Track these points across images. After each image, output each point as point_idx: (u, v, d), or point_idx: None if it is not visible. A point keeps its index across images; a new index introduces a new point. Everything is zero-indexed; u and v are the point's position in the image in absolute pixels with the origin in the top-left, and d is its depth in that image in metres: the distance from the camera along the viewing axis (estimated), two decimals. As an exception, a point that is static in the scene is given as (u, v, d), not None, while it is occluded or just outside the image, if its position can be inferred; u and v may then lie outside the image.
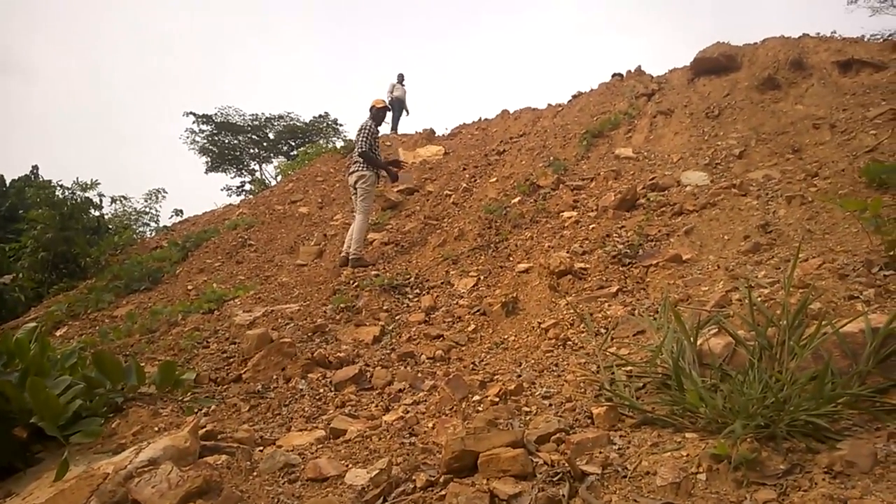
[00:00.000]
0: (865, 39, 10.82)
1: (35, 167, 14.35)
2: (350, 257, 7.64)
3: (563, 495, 2.18)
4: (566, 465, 2.33)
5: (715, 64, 10.80)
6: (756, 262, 4.61)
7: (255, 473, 2.76)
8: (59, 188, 12.60)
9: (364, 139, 7.94)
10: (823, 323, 2.73)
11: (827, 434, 2.28)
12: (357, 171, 7.91)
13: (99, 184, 12.60)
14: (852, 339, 2.66)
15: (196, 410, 3.75)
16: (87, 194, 12.34)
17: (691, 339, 3.06)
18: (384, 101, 8.64)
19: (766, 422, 2.35)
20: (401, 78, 17.84)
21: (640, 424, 2.77)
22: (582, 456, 2.47)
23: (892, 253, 3.67)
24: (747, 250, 4.92)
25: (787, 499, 1.98)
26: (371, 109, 8.32)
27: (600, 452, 2.49)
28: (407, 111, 17.66)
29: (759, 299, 3.46)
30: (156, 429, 3.00)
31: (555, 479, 2.29)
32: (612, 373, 3.31)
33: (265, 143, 28.55)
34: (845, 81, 8.91)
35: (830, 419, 2.35)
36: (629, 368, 3.37)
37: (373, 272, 7.19)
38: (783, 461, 2.19)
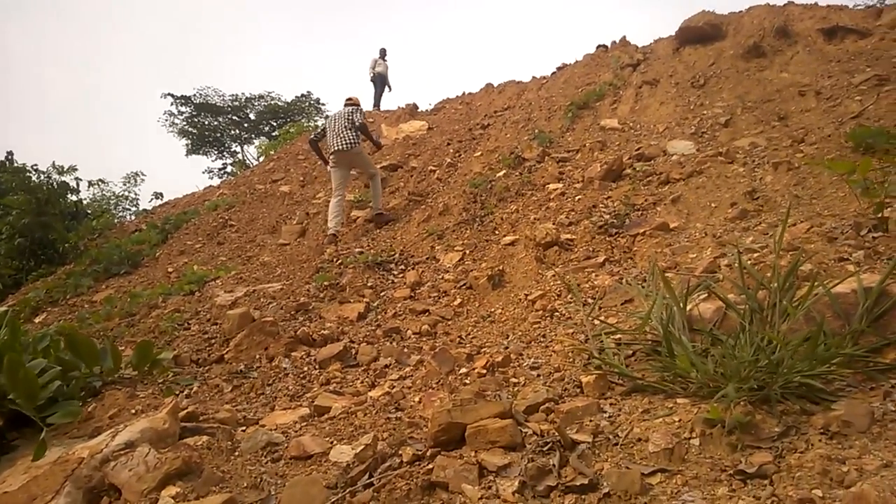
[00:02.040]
0: (850, 7, 10.76)
1: (10, 153, 14.07)
2: (375, 213, 8.34)
3: (554, 465, 2.11)
4: (556, 434, 2.27)
5: (700, 33, 10.72)
6: (744, 229, 4.56)
7: (236, 453, 2.68)
8: (34, 173, 12.38)
9: (361, 115, 8.34)
10: (815, 284, 2.68)
11: (821, 395, 2.23)
12: (353, 148, 8.13)
13: (76, 168, 12.42)
14: (844, 299, 2.61)
15: (177, 392, 3.67)
16: (64, 178, 12.14)
17: (681, 304, 3.00)
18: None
19: (760, 384, 2.29)
20: (383, 53, 17.61)
21: (631, 392, 2.71)
22: (572, 425, 2.41)
23: (880, 215, 3.63)
24: (734, 217, 4.87)
25: (784, 461, 1.93)
26: (352, 101, 8.65)
27: (590, 421, 2.43)
28: (389, 87, 17.47)
29: (748, 263, 3.40)
30: (133, 411, 2.91)
31: (544, 448, 2.23)
32: (601, 341, 3.25)
33: (246, 124, 28.13)
34: (830, 49, 8.85)
35: (825, 380, 2.30)
36: (618, 336, 3.31)
37: (356, 249, 7.10)
38: (778, 423, 2.13)
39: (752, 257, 3.63)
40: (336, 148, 8.15)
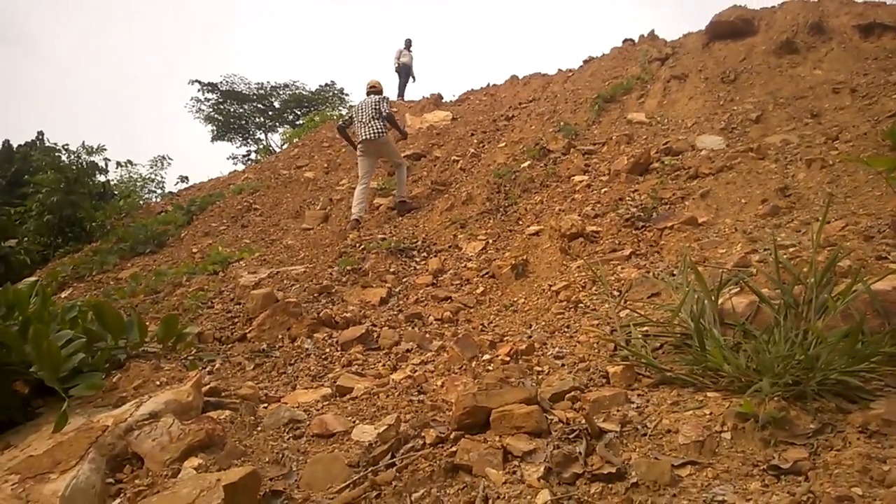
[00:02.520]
0: (887, 3, 10.52)
1: (40, 132, 14.24)
2: (398, 201, 8.36)
3: (580, 452, 2.08)
4: (583, 422, 2.23)
5: (731, 28, 10.55)
6: (775, 225, 4.48)
7: (259, 428, 2.67)
8: (64, 152, 12.50)
9: (387, 104, 8.38)
10: (856, 280, 2.60)
11: (859, 393, 2.16)
12: (380, 138, 8.19)
13: (105, 149, 12.50)
14: (885, 297, 2.54)
15: (200, 367, 3.67)
16: (93, 159, 12.25)
17: (713, 297, 2.94)
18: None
19: (795, 380, 2.23)
20: (408, 44, 17.54)
21: (658, 384, 2.66)
22: (598, 413, 2.37)
23: (920, 214, 3.53)
24: (766, 213, 4.78)
25: (820, 458, 1.88)
26: (376, 88, 8.69)
27: (618, 410, 2.39)
28: (413, 77, 17.40)
29: (784, 258, 3.33)
30: (157, 383, 2.91)
31: (571, 436, 2.19)
32: (629, 332, 3.20)
33: (271, 112, 28.25)
34: (866, 46, 8.67)
35: (863, 378, 2.24)
36: (646, 328, 3.26)
37: (379, 235, 7.09)
38: (813, 420, 2.08)
39: (786, 253, 3.56)
40: (364, 137, 8.21)
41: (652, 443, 2.14)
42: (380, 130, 8.16)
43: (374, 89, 8.67)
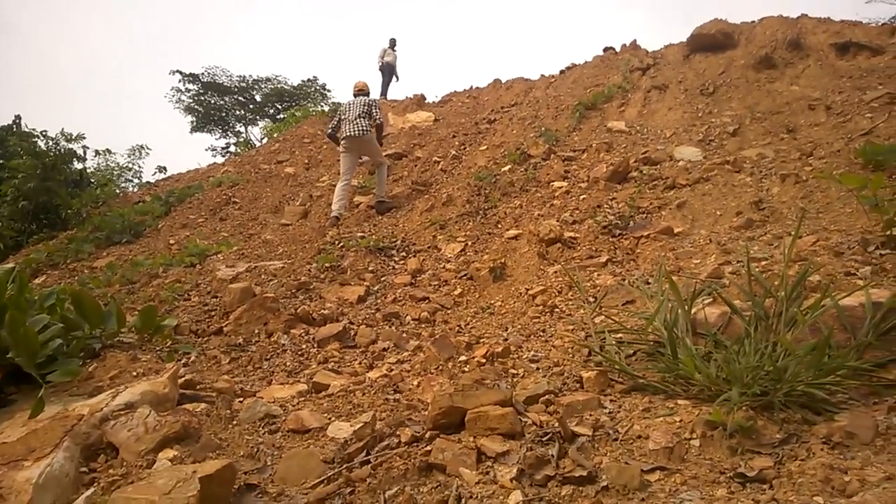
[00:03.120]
0: (864, 22, 10.74)
1: (17, 117, 13.94)
2: (377, 200, 8.38)
3: (553, 455, 2.12)
4: (556, 425, 2.28)
5: (712, 41, 10.70)
6: (749, 238, 4.56)
7: (234, 422, 2.68)
8: (42, 138, 12.30)
9: (378, 110, 8.55)
10: (825, 295, 2.68)
11: (825, 406, 2.23)
12: (364, 135, 8.28)
13: (84, 137, 12.32)
14: (851, 312, 2.62)
15: (177, 359, 3.66)
16: (71, 146, 12.06)
17: (686, 307, 3.00)
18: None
19: (763, 391, 2.30)
20: (392, 43, 17.52)
21: (631, 390, 2.72)
22: (572, 417, 2.41)
23: (889, 232, 3.63)
24: (740, 226, 4.87)
25: (784, 467, 1.94)
26: (363, 90, 8.86)
27: (590, 415, 2.44)
28: (397, 77, 17.39)
29: (756, 270, 3.40)
30: (134, 374, 2.90)
31: (544, 439, 2.23)
32: (603, 338, 3.25)
33: (251, 106, 28.01)
34: (842, 64, 8.84)
35: (828, 391, 2.31)
36: (619, 335, 3.31)
37: (358, 233, 7.09)
38: (779, 430, 2.14)
39: (758, 265, 3.63)
40: (348, 134, 8.28)
41: (623, 448, 2.18)
42: (364, 128, 8.24)
43: (362, 91, 8.82)
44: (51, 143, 11.85)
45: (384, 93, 16.94)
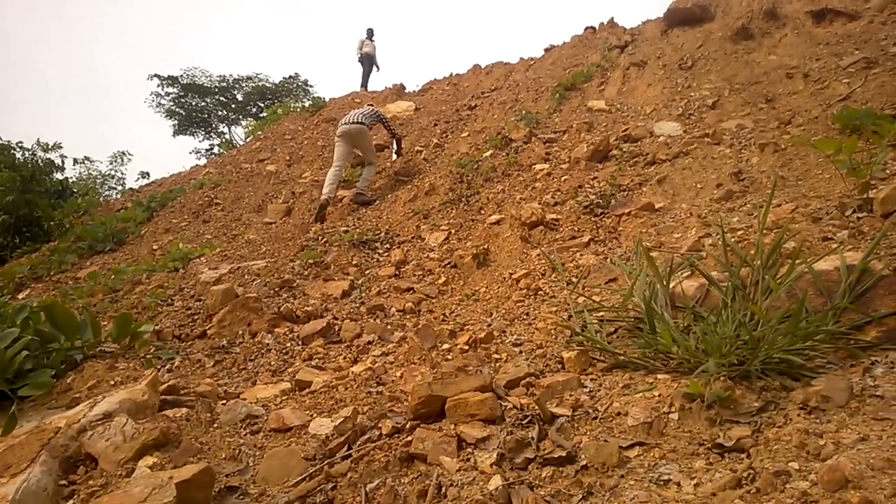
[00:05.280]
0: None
1: (-8, 129, 13.84)
2: (356, 192, 8.44)
3: (533, 437, 2.11)
4: (535, 407, 2.27)
5: (689, 14, 10.66)
6: (729, 209, 4.56)
7: (215, 425, 2.67)
8: (18, 150, 12.18)
9: (388, 123, 9.17)
10: (798, 261, 2.67)
11: (802, 371, 2.23)
12: (360, 125, 8.51)
13: (61, 146, 12.21)
14: (827, 276, 2.61)
15: (158, 366, 3.64)
16: (48, 156, 11.96)
17: (664, 281, 2.99)
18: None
19: (740, 360, 2.29)
20: (370, 33, 17.42)
21: (612, 368, 2.72)
22: (552, 399, 2.41)
23: (865, 195, 3.63)
24: (720, 198, 4.86)
25: (762, 435, 1.93)
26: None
27: (570, 395, 2.43)
28: (377, 66, 17.29)
29: (732, 241, 3.40)
30: (112, 382, 2.88)
31: (524, 422, 2.22)
32: (584, 318, 3.24)
33: (234, 105, 27.83)
34: (819, 31, 8.82)
35: (806, 357, 2.30)
36: (601, 314, 3.31)
37: (342, 228, 7.06)
38: (757, 399, 2.14)
39: (736, 236, 3.63)
40: (344, 122, 8.53)
41: (602, 426, 2.18)
42: (361, 122, 8.45)
43: (371, 105, 9.57)
44: (28, 154, 11.73)
45: (364, 84, 16.85)
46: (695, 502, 1.66)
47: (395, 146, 9.49)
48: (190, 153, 30.69)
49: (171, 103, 27.01)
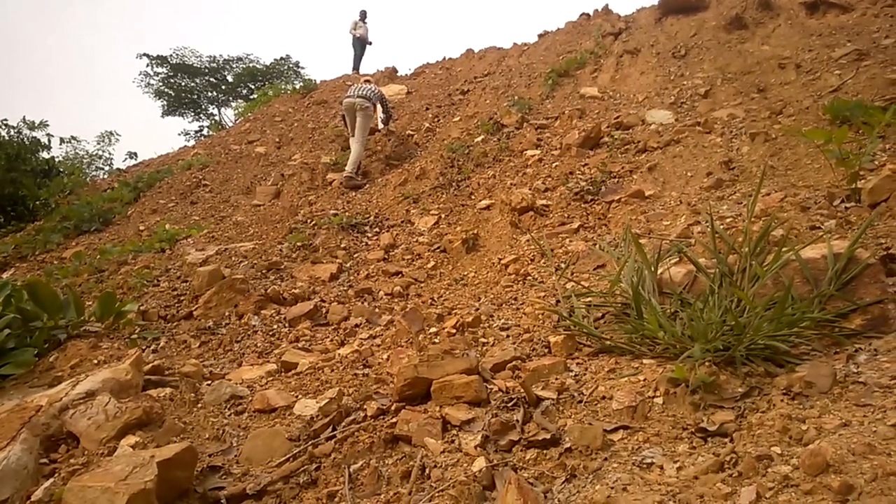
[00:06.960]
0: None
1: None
2: (345, 175, 8.47)
3: (518, 420, 2.11)
4: (521, 390, 2.27)
5: (683, 3, 10.64)
6: (718, 198, 4.56)
7: (199, 405, 2.65)
8: (4, 128, 12.02)
9: (387, 110, 9.40)
10: (784, 249, 2.68)
11: (786, 357, 2.24)
12: (362, 100, 8.68)
13: (48, 124, 12.06)
14: (814, 264, 2.61)
15: (143, 346, 3.61)
16: (34, 134, 11.81)
17: (652, 267, 2.99)
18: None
19: (726, 346, 2.29)
20: (363, 15, 17.26)
21: (598, 352, 2.72)
22: (538, 382, 2.40)
23: (853, 185, 3.64)
24: (710, 186, 4.86)
25: (745, 420, 1.94)
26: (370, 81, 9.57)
27: (556, 379, 2.43)
28: (370, 42, 17.16)
29: (721, 228, 3.40)
30: (95, 362, 2.86)
31: (509, 404, 2.22)
32: (571, 304, 3.24)
33: (224, 87, 27.49)
34: (812, 22, 8.82)
35: (790, 343, 2.31)
36: (589, 299, 3.30)
37: (331, 211, 7.02)
38: (741, 384, 2.14)
39: (725, 224, 3.64)
40: (351, 95, 8.76)
41: (587, 409, 2.18)
42: (364, 98, 8.66)
43: (368, 81, 9.46)
44: (13, 132, 11.57)
45: (356, 67, 16.73)
46: (677, 485, 1.66)
47: (386, 122, 9.59)
48: (179, 135, 30.38)
49: (161, 84, 26.65)
